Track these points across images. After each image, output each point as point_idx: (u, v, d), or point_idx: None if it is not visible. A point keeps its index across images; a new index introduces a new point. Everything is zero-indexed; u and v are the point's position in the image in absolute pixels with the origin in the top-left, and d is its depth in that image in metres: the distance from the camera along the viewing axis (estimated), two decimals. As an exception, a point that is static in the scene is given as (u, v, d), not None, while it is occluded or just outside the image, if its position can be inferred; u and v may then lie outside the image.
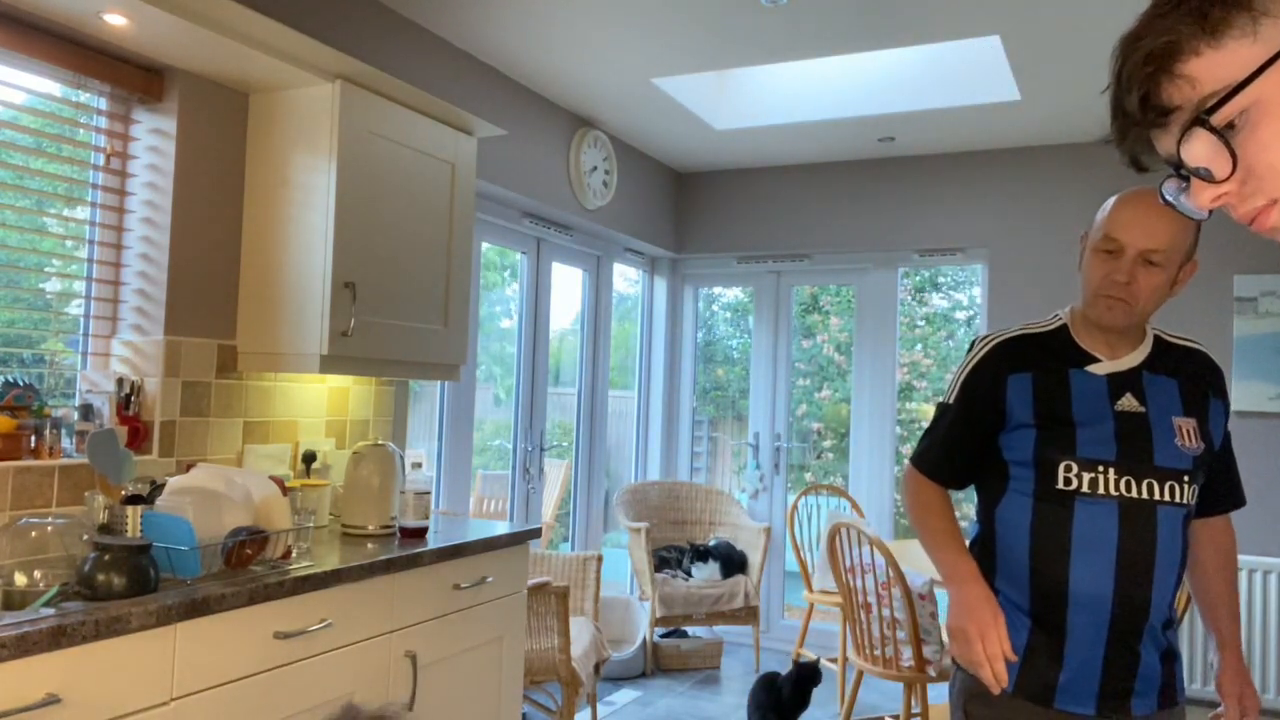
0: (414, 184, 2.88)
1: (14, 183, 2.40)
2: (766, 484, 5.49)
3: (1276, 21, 0.70)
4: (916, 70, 4.19)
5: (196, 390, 2.63)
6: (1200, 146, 0.73)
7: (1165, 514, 1.60)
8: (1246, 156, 0.72)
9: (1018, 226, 4.77)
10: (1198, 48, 0.72)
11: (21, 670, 1.58)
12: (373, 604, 2.33)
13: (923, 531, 1.77)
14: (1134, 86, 0.75)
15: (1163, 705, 1.64)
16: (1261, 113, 0.70)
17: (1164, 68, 0.73)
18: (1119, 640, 1.60)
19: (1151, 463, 1.61)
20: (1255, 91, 0.70)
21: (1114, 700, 1.61)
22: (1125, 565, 1.58)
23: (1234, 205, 0.75)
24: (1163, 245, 1.56)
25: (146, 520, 2.05)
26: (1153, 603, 1.60)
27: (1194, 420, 1.66)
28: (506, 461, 4.57)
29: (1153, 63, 0.74)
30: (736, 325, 6.30)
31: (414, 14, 3.38)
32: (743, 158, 5.24)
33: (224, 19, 2.30)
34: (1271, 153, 0.71)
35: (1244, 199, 0.74)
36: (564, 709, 3.46)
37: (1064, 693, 1.61)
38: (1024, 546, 1.65)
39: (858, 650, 3.62)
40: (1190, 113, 0.72)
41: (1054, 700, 1.62)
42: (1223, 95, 0.70)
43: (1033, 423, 1.65)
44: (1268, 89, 0.70)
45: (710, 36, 3.51)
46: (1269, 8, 0.70)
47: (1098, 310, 1.64)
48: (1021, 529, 1.66)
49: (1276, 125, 0.70)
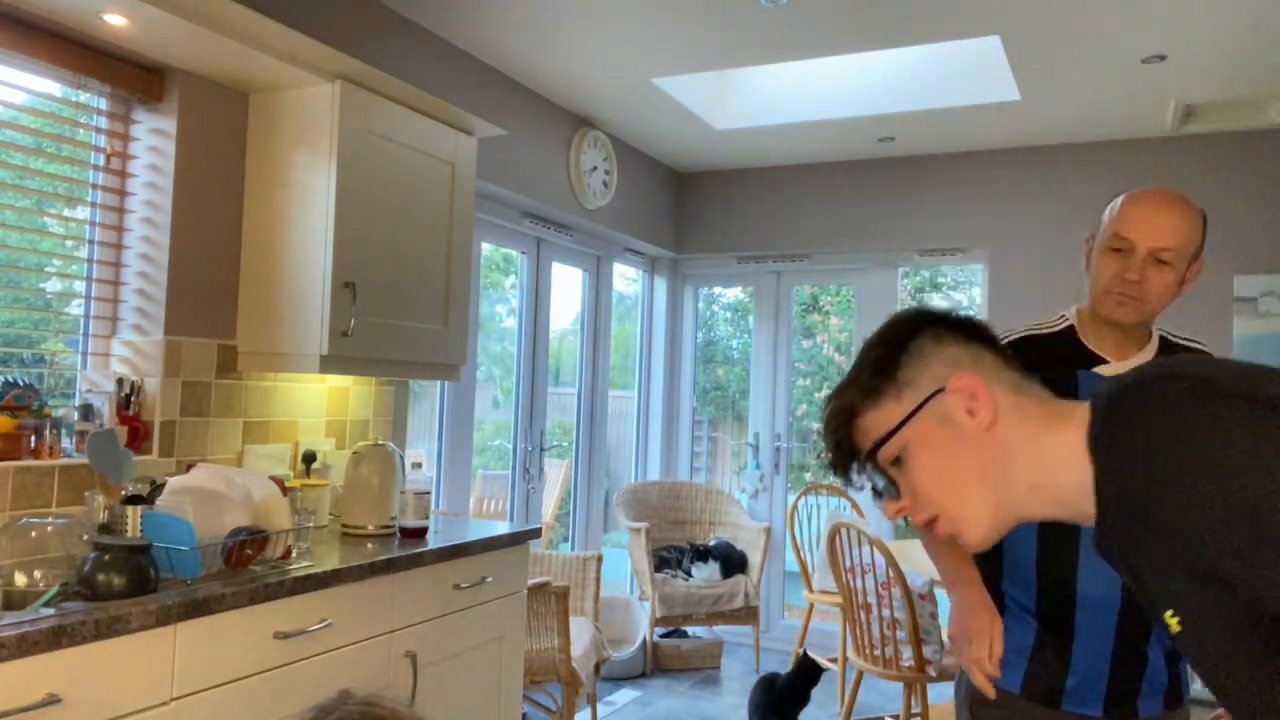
0: (414, 184, 2.88)
1: (14, 183, 2.40)
2: (766, 484, 5.49)
3: (915, 389, 0.99)
4: (916, 70, 4.19)
5: (196, 390, 2.63)
6: (877, 475, 1.03)
7: None
8: (908, 482, 1.00)
9: (1018, 226, 4.77)
10: (865, 407, 1.02)
11: (21, 670, 1.58)
12: (373, 604, 2.33)
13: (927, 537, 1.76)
14: (832, 432, 1.05)
15: (1169, 706, 1.64)
16: (912, 451, 0.99)
17: (847, 421, 1.03)
18: (1126, 642, 1.59)
19: None
20: (905, 436, 0.99)
21: (1121, 702, 1.60)
22: None
23: (913, 516, 1.02)
24: (1173, 244, 1.56)
25: (146, 520, 2.05)
26: None
27: None
28: (506, 461, 4.57)
29: (839, 417, 1.04)
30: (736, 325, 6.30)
31: (414, 14, 3.38)
32: (743, 158, 5.24)
33: (224, 19, 2.30)
34: (920, 479, 0.99)
35: (916, 511, 1.01)
36: (564, 709, 3.46)
37: (1071, 694, 1.61)
38: (1031, 549, 1.65)
39: (858, 650, 3.62)
40: (867, 452, 1.02)
41: (1061, 702, 1.62)
42: (883, 439, 1.00)
43: None
44: (912, 434, 0.99)
45: (710, 36, 3.51)
46: (910, 380, 1.00)
47: (1109, 306, 1.62)
48: (1029, 532, 1.66)
49: (920, 459, 0.99)
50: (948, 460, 0.97)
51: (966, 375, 0.97)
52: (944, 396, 0.98)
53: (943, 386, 0.98)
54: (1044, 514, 0.96)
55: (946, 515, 0.99)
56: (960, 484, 0.97)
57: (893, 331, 1.05)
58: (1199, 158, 4.42)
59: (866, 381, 1.02)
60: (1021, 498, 0.96)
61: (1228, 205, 4.30)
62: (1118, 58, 3.56)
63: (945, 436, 0.98)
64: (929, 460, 0.98)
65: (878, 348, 1.05)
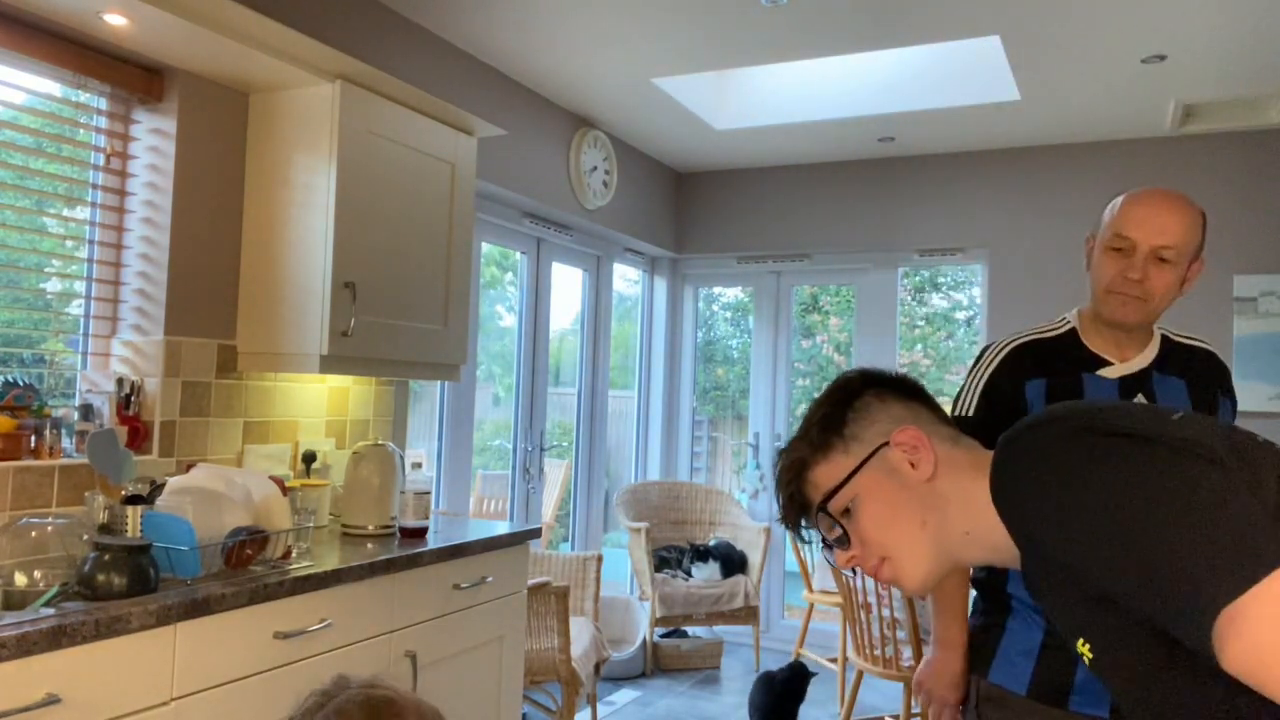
0: (414, 184, 2.88)
1: (14, 183, 2.40)
2: (766, 484, 5.49)
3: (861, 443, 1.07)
4: (916, 70, 4.19)
5: (196, 390, 2.63)
6: (827, 525, 1.08)
7: None
8: (858, 531, 1.06)
9: (1018, 226, 4.77)
10: (816, 461, 1.08)
11: (21, 670, 1.58)
12: (373, 604, 2.33)
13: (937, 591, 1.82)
14: (785, 486, 1.11)
15: None
16: (860, 501, 1.06)
17: (800, 474, 1.09)
18: None
19: None
20: (854, 488, 1.05)
21: None
22: None
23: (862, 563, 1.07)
24: (1174, 242, 1.56)
25: (146, 520, 2.05)
26: None
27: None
28: (506, 461, 4.57)
29: (791, 470, 1.10)
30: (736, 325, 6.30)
31: (414, 14, 3.38)
32: (743, 158, 5.24)
33: (224, 19, 2.30)
34: (867, 527, 1.05)
35: (865, 559, 1.07)
36: (564, 709, 3.46)
37: (1078, 694, 1.61)
38: None
39: (858, 650, 3.62)
40: (818, 504, 1.08)
41: (1068, 702, 1.61)
42: (832, 491, 1.06)
43: None
44: (861, 486, 1.05)
45: (710, 36, 3.51)
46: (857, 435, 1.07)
47: (1111, 307, 1.63)
48: None
49: (869, 509, 1.05)
50: (892, 509, 1.04)
51: (909, 430, 1.05)
52: (888, 450, 1.05)
53: (887, 440, 1.06)
54: (980, 558, 1.03)
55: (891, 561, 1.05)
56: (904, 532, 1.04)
57: (839, 391, 1.13)
58: (1199, 158, 4.42)
59: (816, 438, 1.09)
60: (958, 543, 1.03)
61: (1228, 205, 4.30)
62: (1118, 58, 3.56)
63: (890, 488, 1.05)
64: (875, 509, 1.05)
65: (825, 405, 1.12)
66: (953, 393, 1.82)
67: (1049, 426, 0.96)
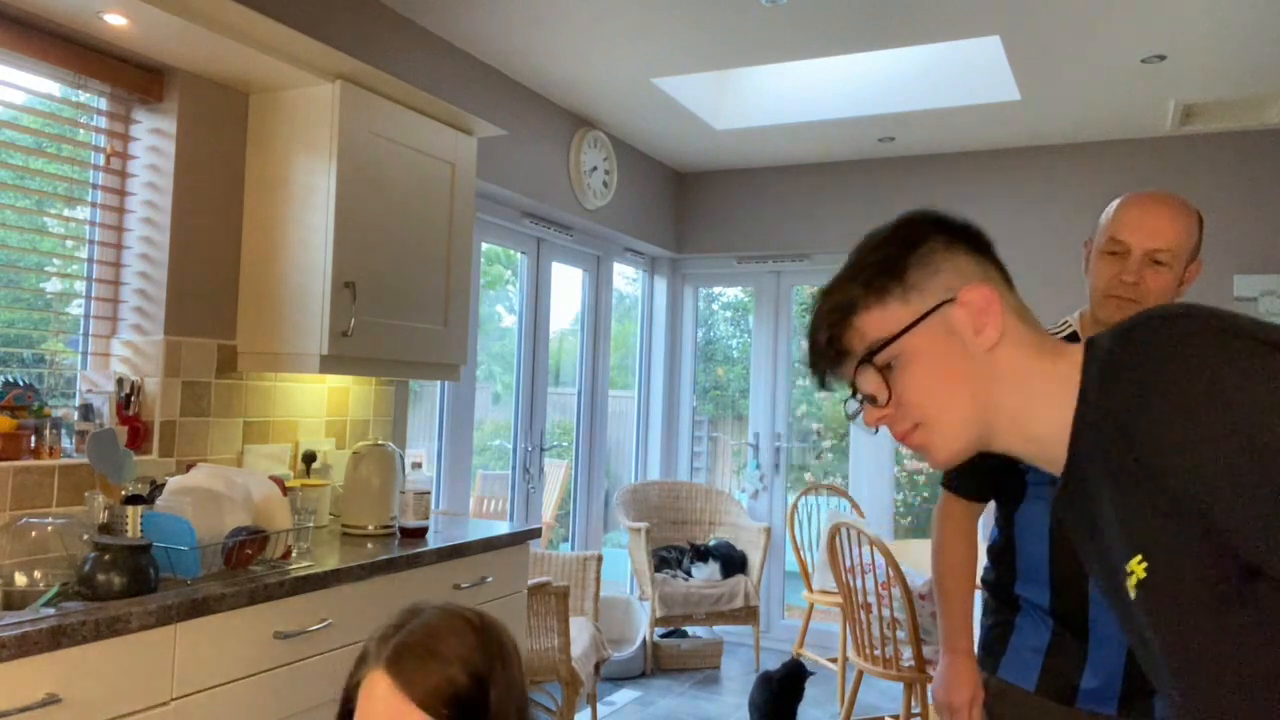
0: (414, 184, 2.88)
1: (14, 183, 2.40)
2: (766, 484, 5.49)
3: (922, 295, 0.94)
4: (916, 70, 4.19)
5: (196, 390, 2.63)
6: (867, 379, 0.96)
7: None
8: (897, 391, 0.95)
9: (1017, 226, 4.77)
10: (867, 306, 0.95)
11: (21, 670, 1.58)
12: (373, 604, 2.33)
13: (938, 584, 1.83)
14: (822, 331, 0.97)
15: None
16: (908, 359, 0.94)
17: (845, 319, 0.96)
18: None
19: None
20: (904, 343, 0.93)
21: (1136, 700, 1.61)
22: None
23: (892, 425, 0.97)
24: (1168, 245, 1.57)
25: (146, 520, 2.05)
26: None
27: None
28: (506, 461, 4.57)
29: (836, 314, 0.96)
30: (736, 325, 6.30)
31: (414, 14, 3.38)
32: (743, 158, 5.24)
33: (224, 19, 2.30)
34: (912, 389, 0.94)
35: (897, 421, 0.96)
36: (564, 709, 3.46)
37: (1086, 692, 1.62)
38: (1043, 548, 1.68)
39: (858, 650, 3.62)
40: (860, 354, 0.95)
41: (1076, 700, 1.63)
42: (882, 343, 0.94)
43: None
44: (913, 343, 0.93)
45: (710, 36, 3.51)
46: (918, 284, 0.94)
47: (1108, 310, 1.65)
48: (1040, 533, 1.68)
49: (916, 369, 0.94)
50: (943, 374, 0.93)
51: (981, 288, 0.92)
52: (952, 308, 0.92)
53: (953, 296, 0.93)
54: (1015, 448, 0.94)
55: (927, 427, 0.95)
56: (950, 401, 0.93)
57: (903, 231, 0.98)
58: (1199, 158, 4.42)
59: (872, 279, 0.95)
60: (1000, 425, 0.93)
61: (1228, 205, 4.30)
62: (1118, 58, 3.56)
63: (946, 350, 0.93)
64: (924, 371, 0.93)
65: (886, 246, 0.97)
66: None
67: (1183, 321, 0.82)
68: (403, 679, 1.11)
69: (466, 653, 1.15)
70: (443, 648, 1.15)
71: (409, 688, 1.11)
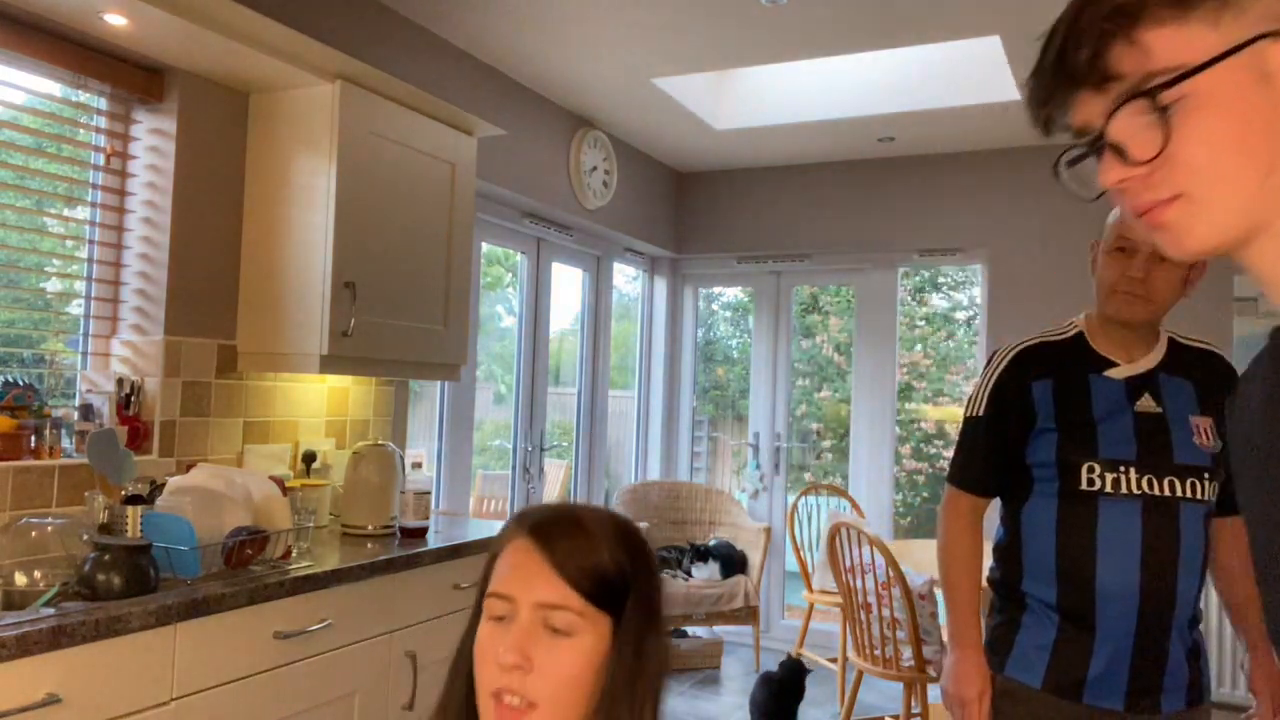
0: (414, 184, 2.88)
1: (14, 183, 2.40)
2: (766, 484, 5.49)
3: (1238, 17, 0.67)
4: (916, 70, 4.19)
5: (196, 390, 2.63)
6: (1132, 121, 0.69)
7: (1187, 510, 1.63)
8: (1172, 144, 0.68)
9: (1018, 226, 4.77)
10: (1164, 17, 0.68)
11: (21, 670, 1.58)
12: (373, 604, 2.33)
13: (945, 579, 1.83)
14: (1086, 41, 0.71)
15: (1190, 703, 1.66)
16: (1197, 104, 0.67)
17: (1125, 29, 0.69)
18: (1147, 634, 1.62)
19: (1171, 460, 1.64)
20: (1201, 81, 0.67)
21: (1143, 696, 1.62)
22: (1150, 560, 1.61)
23: (1135, 192, 0.72)
24: None
25: (146, 520, 2.05)
26: (1178, 596, 1.62)
27: (1210, 419, 1.69)
28: (506, 461, 4.57)
29: (1115, 20, 0.69)
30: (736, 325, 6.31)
31: (414, 14, 3.37)
32: (743, 158, 5.24)
33: (224, 19, 2.30)
34: (1192, 147, 0.68)
35: (1149, 187, 0.71)
36: (564, 709, 3.46)
37: (1093, 688, 1.63)
38: (1049, 545, 1.69)
39: (858, 650, 3.62)
40: (1134, 84, 0.69)
41: (1083, 695, 1.64)
42: (1175, 76, 0.67)
43: (1054, 426, 1.69)
44: (1211, 82, 0.67)
45: (710, 36, 3.51)
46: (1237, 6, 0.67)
47: (1116, 305, 1.68)
48: (1047, 528, 1.69)
49: (1208, 118, 0.67)
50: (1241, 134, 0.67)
51: None
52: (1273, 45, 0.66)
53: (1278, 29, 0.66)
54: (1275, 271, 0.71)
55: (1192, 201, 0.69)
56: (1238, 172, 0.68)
57: None
58: (1199, 158, 4.42)
59: None
60: None
61: (1228, 205, 4.29)
62: (1118, 58, 3.56)
63: (1255, 101, 0.67)
64: (1217, 124, 0.67)
65: None
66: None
67: None
68: (548, 547, 1.04)
69: (613, 544, 1.07)
70: (592, 528, 1.07)
71: (552, 555, 1.04)
